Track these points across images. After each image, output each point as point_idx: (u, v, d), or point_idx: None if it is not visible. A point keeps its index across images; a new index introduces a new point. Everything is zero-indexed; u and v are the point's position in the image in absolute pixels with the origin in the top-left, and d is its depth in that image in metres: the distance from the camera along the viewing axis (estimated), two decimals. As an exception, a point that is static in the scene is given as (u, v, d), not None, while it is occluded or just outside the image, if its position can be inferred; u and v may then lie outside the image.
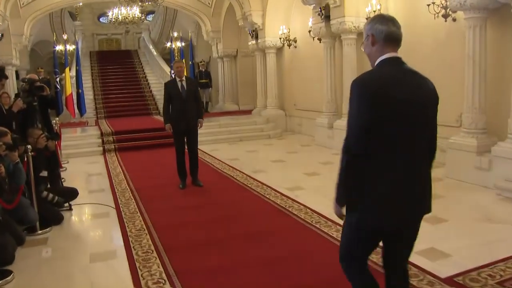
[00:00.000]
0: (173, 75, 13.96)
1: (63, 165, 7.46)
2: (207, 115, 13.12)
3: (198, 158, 6.12)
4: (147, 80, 17.25)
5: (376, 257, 3.05)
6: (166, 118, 5.52)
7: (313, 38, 9.76)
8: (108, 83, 16.55)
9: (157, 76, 17.61)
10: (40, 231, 4.28)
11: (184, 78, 5.59)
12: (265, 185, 5.95)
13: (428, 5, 6.57)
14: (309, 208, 4.75)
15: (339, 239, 2.57)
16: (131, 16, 14.39)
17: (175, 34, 15.32)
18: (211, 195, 5.58)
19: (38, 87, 4.40)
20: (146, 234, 4.14)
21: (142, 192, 5.79)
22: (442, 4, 6.45)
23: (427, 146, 1.95)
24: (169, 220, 4.54)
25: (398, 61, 1.94)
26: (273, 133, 10.95)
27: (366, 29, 1.99)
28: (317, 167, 7.08)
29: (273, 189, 5.71)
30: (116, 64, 18.72)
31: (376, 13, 7.74)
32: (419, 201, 1.92)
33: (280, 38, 11.50)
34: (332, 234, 3.97)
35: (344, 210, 1.94)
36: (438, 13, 6.54)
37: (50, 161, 4.74)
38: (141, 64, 19.18)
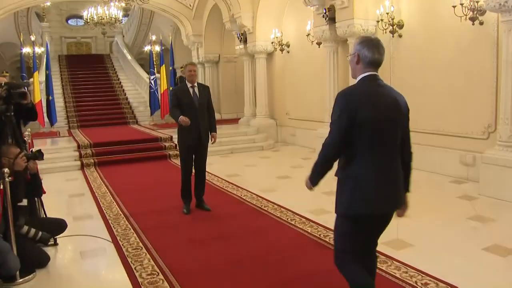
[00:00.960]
0: (182, 80, 13.25)
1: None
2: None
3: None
4: (122, 87, 16.24)
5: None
6: (176, 113, 4.77)
7: (312, 42, 9.15)
8: (79, 90, 15.44)
9: (132, 83, 16.67)
10: (21, 280, 3.33)
11: (196, 85, 4.92)
12: (283, 207, 5.18)
13: (454, 6, 5.99)
14: None
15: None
16: (108, 17, 13.29)
17: (154, 38, 14.37)
18: (225, 223, 4.73)
19: (20, 94, 3.44)
20: (163, 281, 3.25)
21: (139, 219, 4.87)
22: (471, 6, 5.88)
23: (399, 148, 2.33)
24: (187, 261, 3.64)
25: (376, 77, 2.33)
26: (266, 144, 10.22)
27: (355, 48, 2.34)
28: (332, 185, 6.33)
29: (295, 213, 4.95)
30: (87, 69, 17.60)
31: (389, 15, 7.19)
32: (397, 194, 2.32)
33: (272, 43, 10.81)
34: (393, 272, 3.27)
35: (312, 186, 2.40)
36: (466, 15, 5.96)
37: (32, 186, 3.76)
38: (114, 69, 18.12)
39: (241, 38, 11.42)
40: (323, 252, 3.75)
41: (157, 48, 15.23)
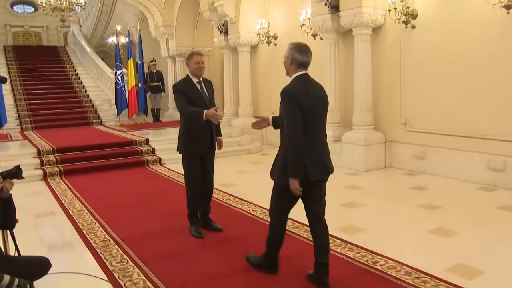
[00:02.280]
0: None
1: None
2: (160, 125, 11.87)
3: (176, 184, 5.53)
4: (81, 83, 15.12)
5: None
6: (196, 109, 4.15)
7: (307, 33, 8.54)
8: (32, 86, 14.19)
9: (93, 78, 15.59)
10: None
11: (201, 80, 4.34)
12: (305, 225, 4.51)
13: (486, -8, 5.55)
14: (405, 265, 3.50)
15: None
16: (66, 2, 12.17)
17: (119, 28, 13.39)
18: (247, 247, 4.00)
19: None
20: None
21: (137, 247, 4.06)
22: (507, -9, 5.45)
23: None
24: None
25: (307, 76, 3.11)
26: (253, 147, 9.56)
27: (288, 51, 3.10)
28: (349, 194, 5.83)
29: (325, 233, 4.27)
30: (40, 62, 16.26)
31: (403, 3, 6.71)
32: (330, 162, 3.24)
33: (258, 34, 10.17)
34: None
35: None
36: (501, 1, 5.52)
37: (3, 215, 2.89)
38: (71, 63, 16.86)
39: (222, 29, 10.74)
40: (376, 283, 3.24)
41: (123, 39, 14.24)
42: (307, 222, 3.34)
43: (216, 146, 4.46)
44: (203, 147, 4.33)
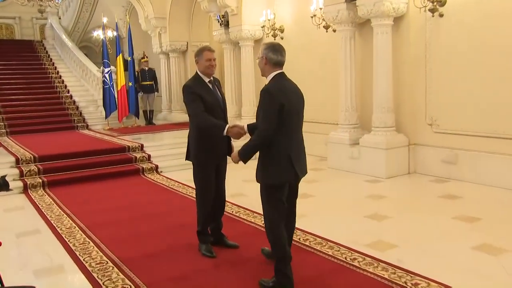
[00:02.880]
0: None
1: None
2: (153, 129, 11.86)
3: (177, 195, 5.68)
4: (63, 82, 14.93)
5: None
6: (214, 121, 3.97)
7: (318, 25, 8.44)
8: (6, 85, 13.94)
9: (77, 77, 15.42)
10: None
11: (212, 78, 4.22)
12: (328, 241, 4.42)
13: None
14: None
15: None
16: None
17: (105, 21, 13.24)
18: (262, 267, 3.84)
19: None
20: None
21: (141, 270, 3.88)
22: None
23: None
24: None
25: (283, 74, 3.44)
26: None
27: (262, 51, 3.41)
28: (372, 204, 5.72)
29: (350, 249, 4.19)
30: (14, 59, 15.97)
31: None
32: (305, 163, 3.57)
33: (262, 27, 10.05)
34: None
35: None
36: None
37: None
38: (51, 60, 16.66)
39: (222, 21, 10.64)
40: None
41: (110, 33, 14.11)
42: (329, 236, 3.28)
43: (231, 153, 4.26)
44: (220, 157, 4.19)
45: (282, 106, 3.21)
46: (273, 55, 3.38)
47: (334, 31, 8.17)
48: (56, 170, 7.62)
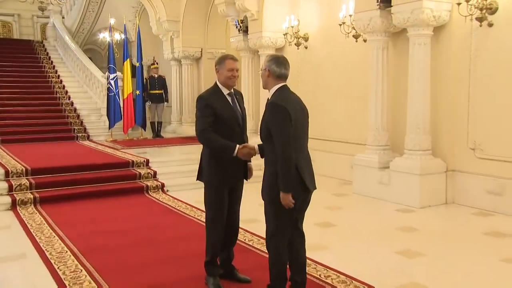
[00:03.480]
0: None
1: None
2: (161, 142, 11.94)
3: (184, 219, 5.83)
4: (64, 87, 15.06)
5: None
6: (221, 141, 3.98)
7: (347, 34, 8.36)
8: (0, 89, 14.09)
9: (79, 82, 15.57)
10: None
11: (233, 91, 4.20)
12: (354, 279, 4.24)
13: None
14: None
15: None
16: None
17: (113, 22, 13.37)
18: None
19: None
20: None
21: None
22: None
23: None
24: None
25: (286, 87, 3.61)
26: (276, 172, 9.34)
27: (265, 64, 3.64)
28: (404, 238, 5.53)
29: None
30: (10, 60, 16.13)
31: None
32: (314, 178, 3.69)
33: (285, 34, 10.02)
34: None
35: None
36: None
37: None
38: (51, 62, 16.83)
39: (240, 26, 10.70)
40: None
41: (118, 36, 14.22)
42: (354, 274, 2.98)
43: (248, 175, 4.25)
44: (236, 176, 4.13)
45: (289, 116, 3.38)
46: (277, 67, 3.57)
47: (365, 41, 8.08)
48: (50, 185, 7.56)
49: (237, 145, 3.89)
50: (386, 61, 7.61)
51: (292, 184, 3.39)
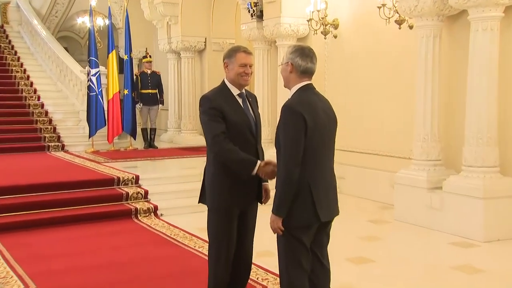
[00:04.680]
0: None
1: None
2: (155, 154, 12.08)
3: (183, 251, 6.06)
4: (31, 85, 15.16)
5: None
6: (243, 156, 4.03)
7: (387, 19, 8.34)
8: None
9: (51, 78, 15.72)
10: None
11: (244, 91, 4.31)
12: None
13: None
14: None
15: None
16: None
17: (94, 3, 13.35)
18: None
19: None
20: None
21: None
22: None
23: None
24: None
25: (312, 87, 3.69)
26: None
27: (287, 56, 3.68)
28: (462, 281, 5.46)
29: None
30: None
31: None
32: (337, 198, 3.79)
33: (308, 20, 9.95)
34: None
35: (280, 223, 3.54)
36: None
37: None
38: (15, 53, 16.93)
39: (254, 10, 10.69)
40: None
41: (100, 22, 14.28)
42: None
43: (263, 197, 4.30)
44: (248, 199, 4.20)
45: (305, 124, 3.45)
46: (302, 60, 3.63)
47: (411, 27, 8.06)
48: (10, 209, 7.51)
49: (258, 161, 3.94)
50: (439, 52, 7.56)
51: (285, 207, 3.46)
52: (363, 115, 9.36)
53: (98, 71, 12.52)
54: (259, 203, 4.36)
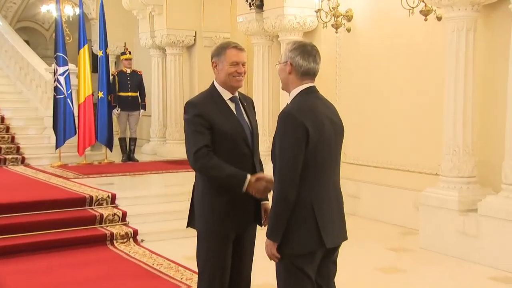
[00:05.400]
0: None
1: None
2: (135, 169, 12.14)
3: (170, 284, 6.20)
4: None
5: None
6: (230, 170, 4.08)
7: (411, 9, 8.39)
8: None
9: (10, 78, 15.85)
10: None
11: (237, 94, 4.41)
12: None
13: None
14: None
15: None
16: None
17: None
18: None
19: None
20: None
21: None
22: None
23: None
24: None
25: (315, 90, 3.70)
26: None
27: (286, 55, 3.68)
28: None
29: None
30: None
31: None
32: (344, 220, 3.82)
33: (317, 11, 10.01)
34: None
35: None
36: None
37: None
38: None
39: (253, 0, 10.79)
40: None
41: (70, 11, 14.20)
42: None
43: (262, 218, 4.34)
44: (244, 221, 4.25)
45: (307, 135, 3.44)
46: (303, 59, 3.62)
47: (439, 19, 8.03)
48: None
49: (248, 176, 3.97)
50: (473, 49, 7.54)
51: (279, 230, 3.49)
52: (381, 121, 9.39)
53: (67, 69, 12.48)
54: (258, 225, 4.39)
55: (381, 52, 9.34)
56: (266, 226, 3.80)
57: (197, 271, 4.34)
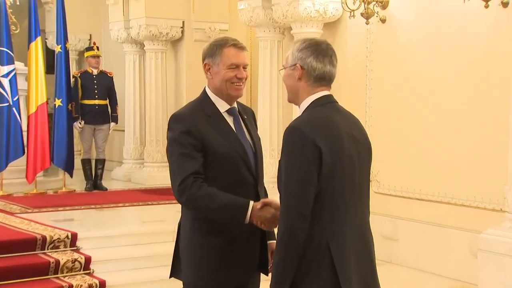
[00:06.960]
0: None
1: None
2: (103, 200, 12.30)
3: None
4: None
5: None
6: (226, 200, 4.15)
7: None
8: None
9: None
10: None
11: (236, 106, 4.56)
12: None
13: None
14: None
15: None
16: None
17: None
18: None
19: None
20: None
21: None
22: None
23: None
24: None
25: (331, 99, 3.74)
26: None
27: (294, 56, 3.72)
28: None
29: None
30: None
31: None
32: (374, 267, 3.80)
33: (342, -2, 10.13)
34: None
35: None
36: None
37: None
38: None
39: None
40: None
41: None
42: None
43: (269, 263, 4.40)
44: (246, 269, 4.33)
45: (319, 156, 3.43)
46: (317, 61, 3.65)
47: (505, 4, 8.07)
48: None
49: (251, 202, 4.03)
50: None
51: (287, 280, 3.45)
52: (426, 141, 9.42)
53: (13, 69, 12.52)
54: (263, 274, 4.46)
55: (426, 49, 9.37)
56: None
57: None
